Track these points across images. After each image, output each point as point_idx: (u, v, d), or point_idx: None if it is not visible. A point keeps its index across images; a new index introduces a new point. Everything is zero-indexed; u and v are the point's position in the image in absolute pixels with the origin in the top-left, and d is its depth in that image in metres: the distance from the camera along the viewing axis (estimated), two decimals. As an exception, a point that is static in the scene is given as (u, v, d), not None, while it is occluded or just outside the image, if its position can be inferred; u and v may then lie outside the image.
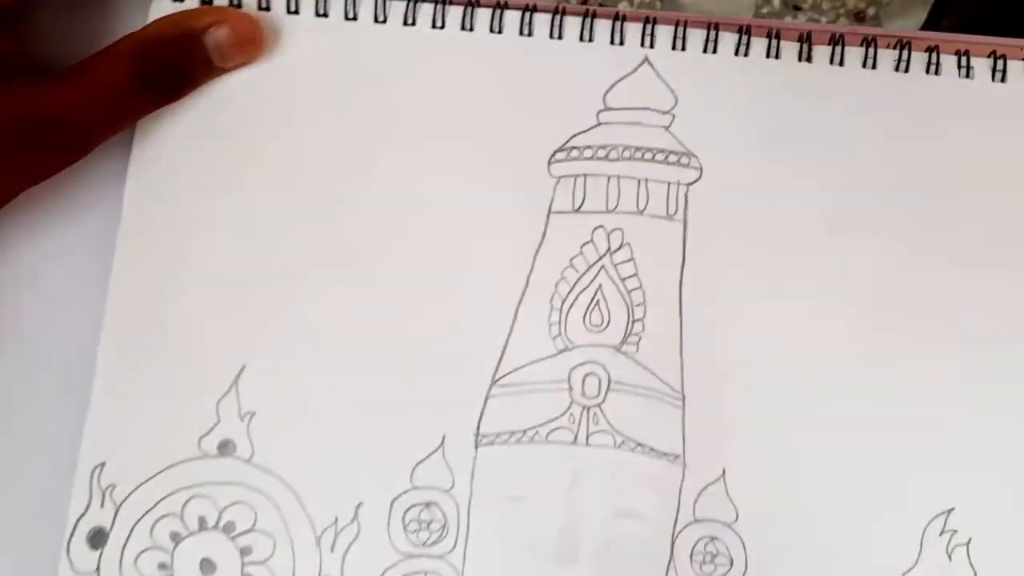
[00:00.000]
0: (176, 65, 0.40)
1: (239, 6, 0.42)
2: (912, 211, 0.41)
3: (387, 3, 0.42)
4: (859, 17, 1.12)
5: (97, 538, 0.40)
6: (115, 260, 0.41)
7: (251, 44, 0.41)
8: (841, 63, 0.42)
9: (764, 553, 0.40)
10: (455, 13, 0.42)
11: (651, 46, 0.42)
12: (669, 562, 0.40)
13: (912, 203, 0.41)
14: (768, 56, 0.42)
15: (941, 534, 0.40)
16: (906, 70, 0.42)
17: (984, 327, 0.41)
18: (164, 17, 0.41)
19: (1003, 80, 0.42)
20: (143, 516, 0.40)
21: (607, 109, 0.42)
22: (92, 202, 0.42)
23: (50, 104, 0.38)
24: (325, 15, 0.42)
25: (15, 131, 0.38)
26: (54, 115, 0.38)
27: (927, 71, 0.42)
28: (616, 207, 0.41)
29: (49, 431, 0.41)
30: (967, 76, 0.42)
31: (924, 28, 0.75)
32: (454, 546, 0.40)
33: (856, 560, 0.40)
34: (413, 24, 0.42)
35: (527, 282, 0.41)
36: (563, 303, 0.41)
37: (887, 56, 0.42)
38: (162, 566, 0.40)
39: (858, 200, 0.41)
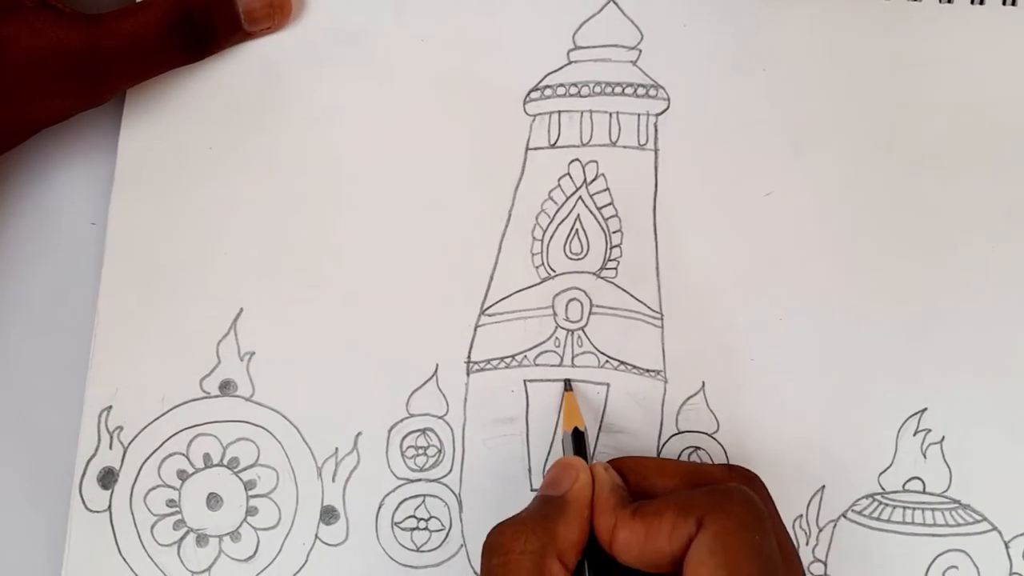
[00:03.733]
0: (207, 23, 0.42)
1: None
2: (872, 124, 0.43)
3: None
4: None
5: (107, 478, 0.42)
6: (111, 207, 0.43)
7: (280, 11, 0.43)
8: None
9: (745, 460, 0.42)
10: (428, -35, 0.44)
11: (615, -14, 0.44)
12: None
13: (872, 116, 0.43)
14: (727, -9, 0.44)
15: (915, 434, 0.42)
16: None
17: (949, 229, 0.43)
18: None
19: (950, 1, 0.44)
20: (150, 455, 0.42)
21: (577, 48, 0.44)
22: (89, 149, 0.44)
23: (82, 39, 0.39)
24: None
25: (42, 63, 0.39)
26: (83, 50, 0.39)
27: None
28: (590, 140, 0.43)
29: (54, 375, 0.43)
30: (915, -1, 0.44)
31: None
32: (450, 469, 0.42)
33: (833, 463, 0.42)
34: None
35: (509, 216, 0.43)
36: (544, 234, 0.43)
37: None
38: (170, 502, 0.42)
39: (821, 118, 0.43)
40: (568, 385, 0.42)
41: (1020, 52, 0.44)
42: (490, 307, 0.43)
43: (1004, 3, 0.44)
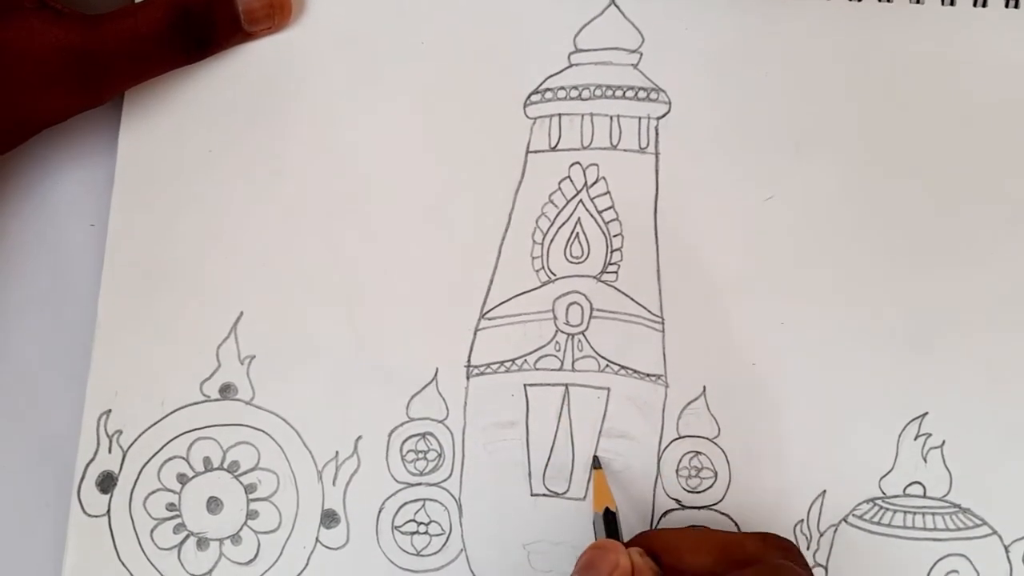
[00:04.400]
0: (206, 22, 0.42)
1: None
2: (874, 127, 0.43)
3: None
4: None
5: (106, 482, 0.42)
6: (111, 209, 0.43)
7: (280, 11, 0.43)
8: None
9: (746, 465, 0.42)
10: (429, -33, 0.44)
11: (617, -11, 0.44)
12: (656, 478, 0.42)
13: (873, 120, 0.43)
14: (729, -6, 0.44)
15: (916, 438, 0.42)
16: (860, -1, 0.44)
17: (950, 233, 0.43)
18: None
19: (952, 3, 0.44)
20: (150, 459, 0.42)
21: (577, 51, 0.43)
22: (90, 152, 0.44)
23: (81, 40, 0.39)
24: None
25: (42, 63, 0.39)
26: (82, 50, 0.39)
27: (880, -1, 0.44)
28: (591, 143, 0.43)
29: (54, 378, 0.43)
30: (917, 1, 0.44)
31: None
32: (450, 473, 0.42)
33: (834, 468, 0.42)
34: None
35: (509, 219, 0.43)
36: (544, 237, 0.43)
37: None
38: (170, 506, 0.42)
39: (823, 122, 0.43)
40: (597, 463, 0.41)
41: (1022, 54, 0.43)
42: (490, 311, 0.43)
43: (1007, 5, 0.44)
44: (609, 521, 0.38)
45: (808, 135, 0.43)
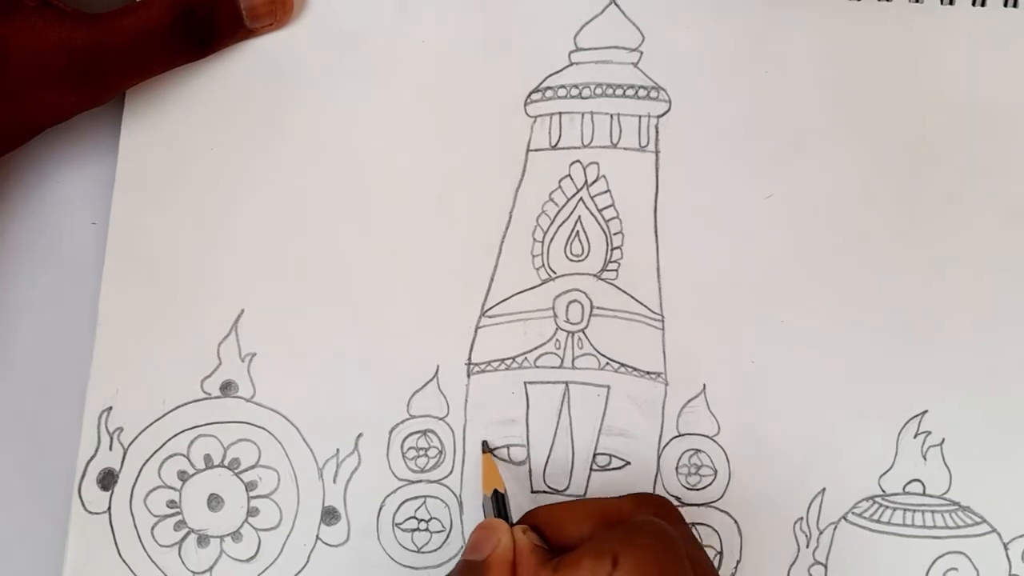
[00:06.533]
0: (209, 19, 0.42)
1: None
2: (874, 126, 0.43)
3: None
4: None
5: (107, 479, 0.42)
6: (112, 207, 0.43)
7: (282, 7, 0.43)
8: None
9: (746, 463, 0.42)
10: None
11: (617, -13, 0.44)
12: (656, 475, 0.42)
13: (873, 119, 0.43)
14: (729, -8, 0.44)
15: (916, 436, 0.42)
16: (859, -1, 0.44)
17: (950, 232, 0.43)
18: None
19: (951, 3, 0.44)
20: (151, 457, 0.42)
21: (578, 49, 0.44)
22: (91, 150, 0.44)
23: (83, 38, 0.39)
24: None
25: (44, 62, 0.39)
26: (84, 49, 0.39)
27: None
28: (591, 142, 0.43)
29: (55, 376, 0.43)
30: (917, 1, 0.44)
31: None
32: (451, 470, 0.42)
33: (834, 465, 0.42)
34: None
35: (510, 217, 0.43)
36: (545, 235, 0.43)
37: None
38: (171, 503, 0.42)
39: (823, 120, 0.43)
40: (485, 447, 0.42)
41: (1021, 54, 0.44)
42: (491, 308, 0.43)
43: (1005, 5, 0.44)
44: (498, 502, 0.39)
45: (808, 133, 0.43)
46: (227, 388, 0.42)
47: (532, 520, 0.38)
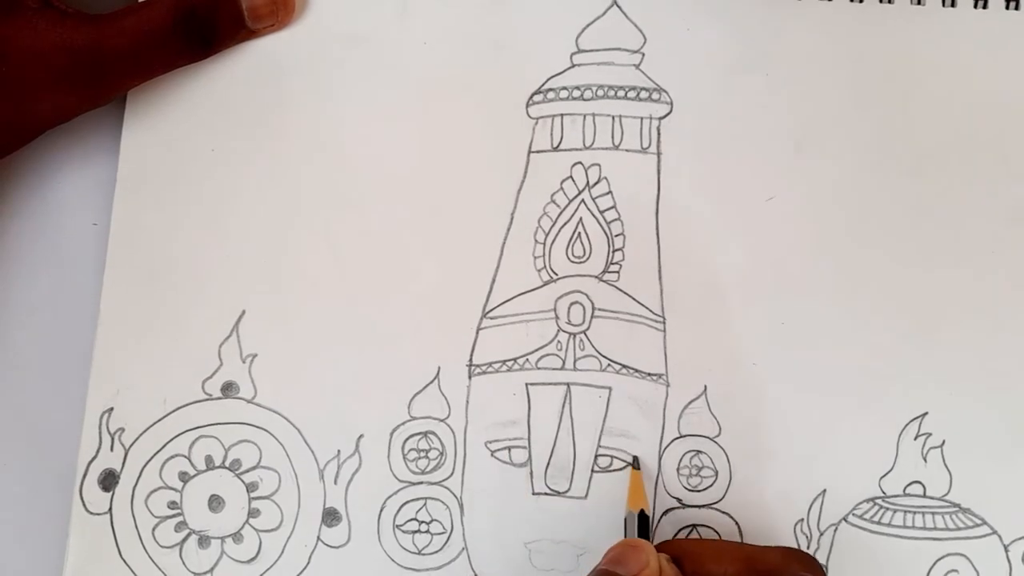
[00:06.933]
0: (211, 20, 0.42)
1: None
2: (875, 127, 0.43)
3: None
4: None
5: (108, 480, 0.42)
6: (113, 208, 0.43)
7: (283, 8, 0.43)
8: (801, -4, 0.44)
9: (747, 464, 0.42)
10: (432, -32, 0.44)
11: (619, -11, 0.44)
12: (657, 476, 0.42)
13: (874, 120, 0.43)
14: (730, -6, 0.44)
15: (916, 438, 0.42)
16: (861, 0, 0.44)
17: (951, 233, 0.43)
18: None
19: (953, 4, 0.44)
20: (152, 458, 0.42)
21: (580, 51, 0.44)
22: (92, 151, 0.44)
23: (85, 39, 0.39)
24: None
25: (46, 63, 0.39)
26: (86, 50, 0.39)
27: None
28: (592, 143, 0.43)
29: (56, 376, 0.43)
30: (918, 3, 0.44)
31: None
32: (452, 472, 0.42)
33: (834, 467, 0.42)
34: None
35: (511, 219, 0.43)
36: (546, 237, 0.43)
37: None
38: (172, 504, 0.42)
39: (824, 122, 0.43)
40: (636, 464, 0.42)
41: (1022, 55, 0.44)
42: (492, 310, 0.43)
43: (1007, 7, 0.44)
44: (643, 523, 0.39)
45: (809, 135, 0.43)
46: (228, 389, 0.42)
47: (672, 549, 0.37)
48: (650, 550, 0.36)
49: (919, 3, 0.44)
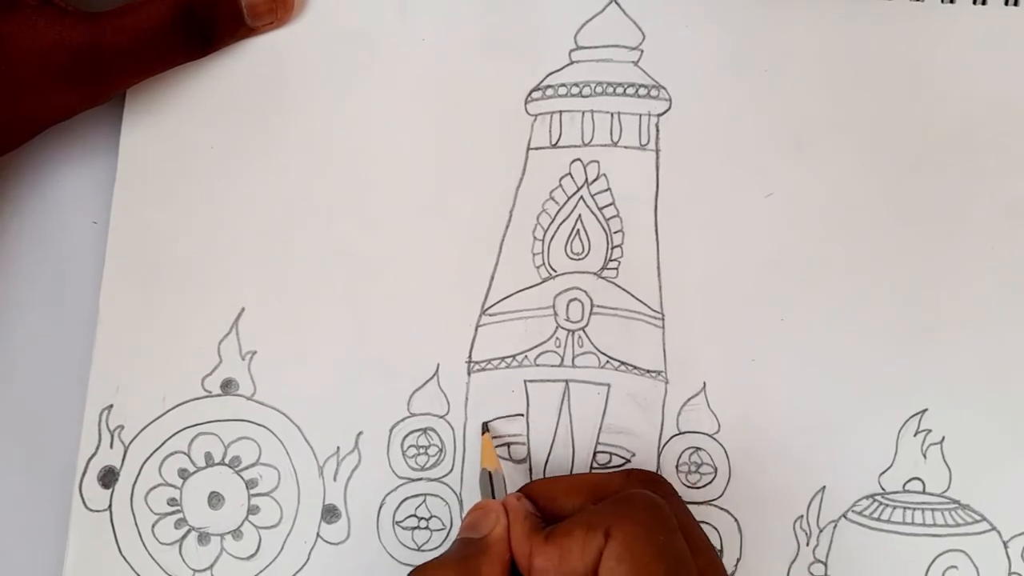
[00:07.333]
0: (210, 18, 0.42)
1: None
2: (874, 124, 0.43)
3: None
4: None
5: (108, 477, 0.42)
6: (113, 206, 0.43)
7: (283, 6, 0.43)
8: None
9: (746, 461, 0.42)
10: (430, -35, 0.44)
11: (617, -14, 0.44)
12: (656, 473, 0.42)
13: (873, 116, 0.43)
14: (729, -9, 0.44)
15: (915, 434, 0.42)
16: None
17: (950, 230, 0.43)
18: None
19: (952, 1, 0.44)
20: (151, 454, 0.42)
21: (578, 48, 0.44)
22: (91, 149, 0.44)
23: (84, 37, 0.39)
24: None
25: (45, 60, 0.39)
26: (86, 48, 0.39)
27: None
28: (591, 140, 0.43)
29: (55, 374, 0.43)
30: None
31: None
32: (451, 469, 0.42)
33: (834, 464, 0.42)
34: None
35: (510, 216, 0.43)
36: (545, 234, 0.43)
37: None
38: (172, 501, 0.42)
39: (823, 118, 0.43)
40: (485, 427, 0.42)
41: (1022, 52, 0.44)
42: (491, 307, 0.43)
43: (1006, 3, 0.44)
44: (490, 481, 0.40)
45: (808, 132, 0.43)
46: (227, 386, 0.42)
47: (527, 491, 0.39)
48: (498, 509, 0.37)
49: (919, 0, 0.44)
